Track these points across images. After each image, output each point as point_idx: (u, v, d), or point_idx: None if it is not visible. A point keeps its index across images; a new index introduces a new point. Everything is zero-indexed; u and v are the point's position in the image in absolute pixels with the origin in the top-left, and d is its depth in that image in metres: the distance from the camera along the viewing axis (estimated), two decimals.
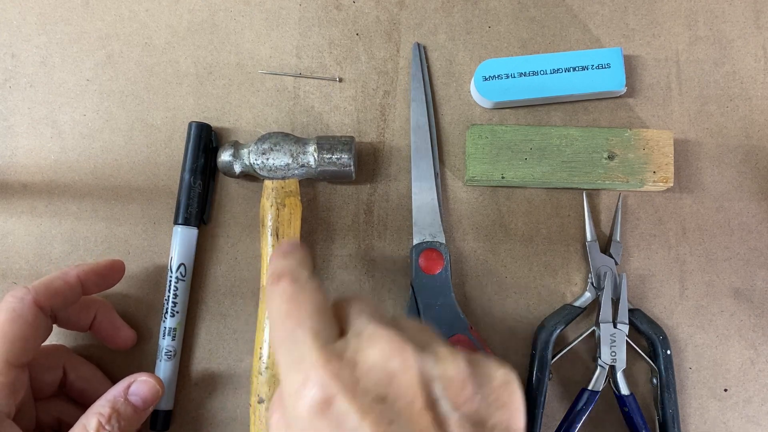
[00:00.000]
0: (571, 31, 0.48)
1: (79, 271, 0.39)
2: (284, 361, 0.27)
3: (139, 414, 0.38)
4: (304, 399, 0.25)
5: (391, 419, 0.25)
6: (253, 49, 0.47)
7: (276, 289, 0.29)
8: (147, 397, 0.38)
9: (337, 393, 0.25)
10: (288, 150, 0.43)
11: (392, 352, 0.26)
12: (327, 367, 0.26)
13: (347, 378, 0.25)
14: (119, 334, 0.42)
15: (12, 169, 0.46)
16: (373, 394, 0.25)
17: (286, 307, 0.29)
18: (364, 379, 0.26)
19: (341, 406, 0.25)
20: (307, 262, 0.31)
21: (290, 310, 0.28)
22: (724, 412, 0.44)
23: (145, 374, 0.39)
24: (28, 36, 0.48)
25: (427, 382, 0.26)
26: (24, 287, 0.36)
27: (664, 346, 0.43)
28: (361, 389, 0.25)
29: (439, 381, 0.26)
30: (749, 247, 0.46)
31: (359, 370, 0.26)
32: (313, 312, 0.28)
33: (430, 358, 0.27)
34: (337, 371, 0.25)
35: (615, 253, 0.44)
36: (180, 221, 0.44)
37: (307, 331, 0.27)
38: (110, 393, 0.37)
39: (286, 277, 0.30)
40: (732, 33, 0.48)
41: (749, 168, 0.47)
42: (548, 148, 0.44)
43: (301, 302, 0.28)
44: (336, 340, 0.27)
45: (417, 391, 0.26)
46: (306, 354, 0.26)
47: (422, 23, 0.48)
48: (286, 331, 0.28)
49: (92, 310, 0.41)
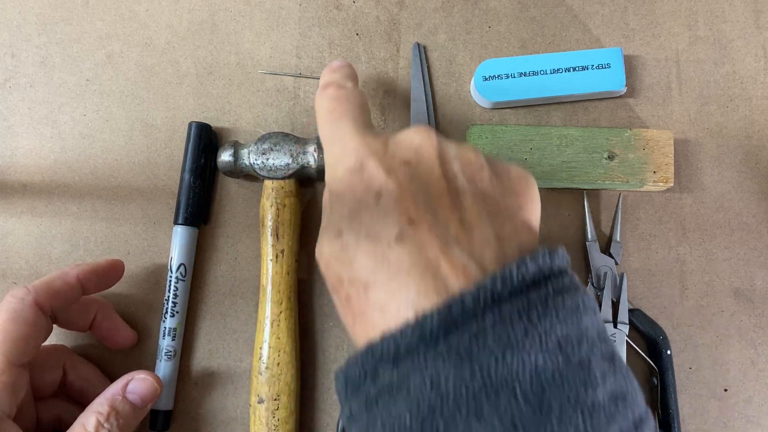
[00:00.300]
0: (571, 31, 0.48)
1: (79, 271, 0.39)
2: (328, 144, 0.33)
3: (137, 412, 0.38)
4: (341, 164, 0.30)
5: (412, 177, 0.29)
6: (253, 49, 0.47)
7: (324, 94, 0.35)
8: (145, 395, 0.38)
9: (368, 158, 0.30)
10: (288, 150, 0.43)
11: (419, 132, 0.31)
12: (362, 140, 0.31)
13: (379, 149, 0.30)
14: (119, 334, 0.42)
15: (12, 169, 0.46)
16: (399, 158, 0.30)
17: (331, 105, 0.34)
18: (392, 149, 0.30)
19: (371, 167, 0.29)
20: (352, 76, 0.37)
21: (334, 107, 0.34)
22: (724, 412, 0.44)
23: (143, 372, 0.39)
24: (28, 36, 0.48)
25: (447, 159, 0.30)
26: (24, 287, 0.36)
27: (664, 346, 0.43)
28: (389, 155, 0.30)
29: (458, 160, 0.30)
30: (749, 247, 0.46)
31: (390, 144, 0.30)
32: (354, 108, 0.33)
33: (453, 144, 0.31)
34: (370, 143, 0.30)
35: (615, 253, 0.44)
36: (180, 221, 0.44)
37: (349, 120, 0.32)
38: (108, 391, 0.37)
39: (333, 84, 0.35)
40: (732, 33, 0.48)
41: (749, 168, 0.46)
42: (548, 148, 0.44)
43: (344, 101, 0.34)
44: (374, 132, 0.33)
45: (436, 162, 0.30)
46: (346, 134, 0.31)
47: (422, 23, 0.48)
48: (330, 123, 0.33)
49: (92, 311, 0.41)
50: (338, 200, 0.30)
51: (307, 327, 0.44)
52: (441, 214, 0.28)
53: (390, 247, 0.27)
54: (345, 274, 0.28)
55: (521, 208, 0.30)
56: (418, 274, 0.26)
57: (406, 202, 0.28)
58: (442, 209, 0.28)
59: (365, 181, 0.29)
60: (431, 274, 0.26)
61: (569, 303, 0.25)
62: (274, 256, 0.42)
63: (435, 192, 0.29)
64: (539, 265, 0.26)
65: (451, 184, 0.29)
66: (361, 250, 0.28)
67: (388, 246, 0.27)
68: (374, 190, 0.29)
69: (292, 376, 0.41)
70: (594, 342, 0.25)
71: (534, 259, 0.26)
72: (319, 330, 0.45)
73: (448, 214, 0.28)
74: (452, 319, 0.24)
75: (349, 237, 0.28)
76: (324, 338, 0.44)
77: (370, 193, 0.29)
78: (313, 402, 0.44)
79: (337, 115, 0.33)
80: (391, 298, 0.26)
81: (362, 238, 0.28)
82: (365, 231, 0.28)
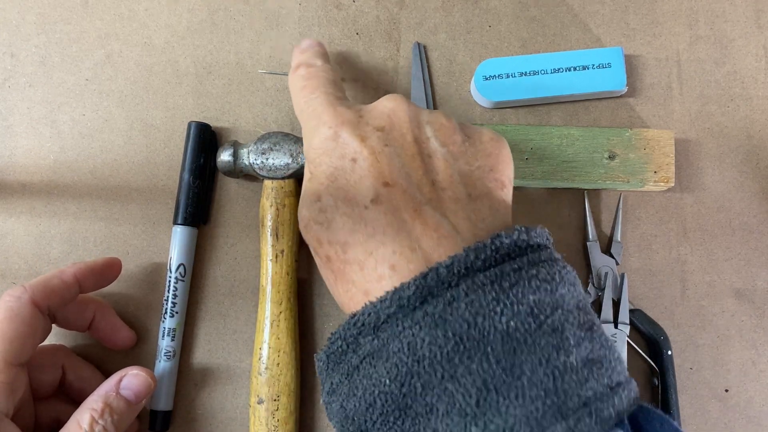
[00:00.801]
0: (571, 31, 0.48)
1: (76, 270, 0.39)
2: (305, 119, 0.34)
3: (131, 408, 0.37)
4: (317, 135, 0.31)
5: (386, 143, 0.30)
6: (252, 49, 0.47)
7: (295, 74, 0.36)
8: (139, 391, 0.38)
9: (342, 126, 0.31)
10: (288, 150, 0.43)
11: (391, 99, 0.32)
12: (334, 111, 0.32)
13: (352, 118, 0.31)
14: (118, 334, 0.42)
15: (11, 169, 0.46)
16: (372, 126, 0.31)
17: (302, 83, 0.35)
18: (366, 117, 0.31)
19: (345, 135, 0.31)
20: (321, 54, 0.38)
21: (306, 85, 0.35)
22: (725, 413, 0.44)
23: (136, 368, 0.38)
24: (27, 36, 0.47)
25: (420, 123, 0.31)
26: (21, 286, 0.36)
27: (665, 347, 0.43)
28: (363, 123, 0.31)
29: (430, 125, 0.32)
30: (750, 248, 0.46)
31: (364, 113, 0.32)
32: (325, 82, 0.35)
33: (426, 111, 0.33)
34: (343, 112, 0.32)
35: (616, 253, 0.44)
36: (179, 221, 0.43)
37: (321, 93, 0.34)
38: (102, 388, 0.37)
39: (303, 64, 0.37)
40: (733, 33, 0.48)
41: (750, 168, 0.46)
42: (548, 148, 0.44)
43: (315, 78, 0.35)
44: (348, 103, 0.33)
45: (408, 127, 0.31)
46: (318, 107, 0.33)
47: (422, 23, 0.48)
48: (304, 98, 0.34)
49: (90, 310, 0.41)
50: (316, 167, 0.32)
51: (307, 327, 0.44)
52: (414, 176, 0.30)
53: (366, 208, 0.29)
54: (324, 236, 0.30)
55: (493, 169, 0.31)
56: (393, 233, 0.28)
57: (380, 166, 0.30)
58: (415, 172, 0.30)
59: (340, 148, 0.31)
60: (405, 233, 0.28)
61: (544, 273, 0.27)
62: (274, 256, 0.42)
63: (408, 155, 0.30)
64: (514, 239, 0.27)
65: (423, 147, 0.31)
66: (339, 213, 0.29)
67: (364, 208, 0.29)
68: (350, 156, 0.30)
69: (292, 377, 0.41)
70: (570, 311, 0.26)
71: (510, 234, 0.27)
72: (319, 330, 0.44)
73: (421, 176, 0.30)
74: (428, 288, 0.26)
75: (328, 200, 0.30)
76: (324, 338, 0.44)
77: (346, 159, 0.30)
78: (313, 402, 0.44)
79: (308, 91, 0.34)
80: (368, 256, 0.28)
81: (339, 201, 0.30)
82: (342, 195, 0.30)
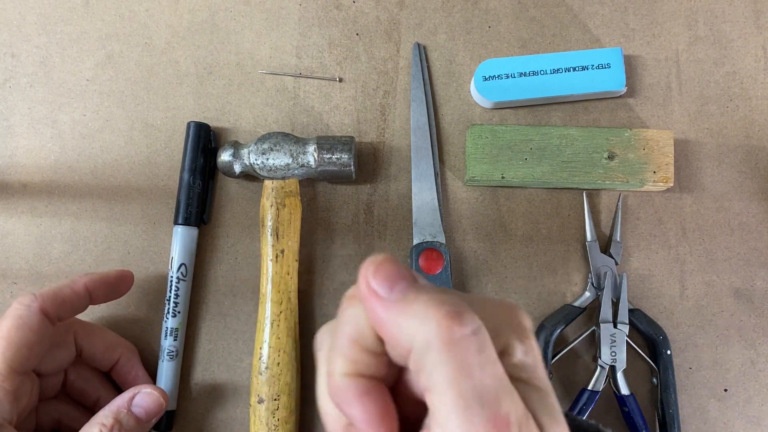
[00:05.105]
0: (571, 31, 0.48)
1: (88, 281, 0.39)
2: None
3: (141, 426, 0.37)
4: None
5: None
6: (253, 49, 0.47)
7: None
8: (150, 409, 0.38)
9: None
10: (288, 150, 0.43)
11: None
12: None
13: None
14: (137, 383, 0.41)
15: (12, 169, 0.46)
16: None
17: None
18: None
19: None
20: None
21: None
22: (724, 412, 0.44)
23: (150, 386, 0.38)
24: (28, 36, 0.47)
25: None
26: (31, 294, 0.36)
27: (664, 346, 0.43)
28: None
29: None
30: (749, 247, 0.46)
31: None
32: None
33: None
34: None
35: (615, 253, 0.44)
36: (180, 221, 0.44)
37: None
38: (114, 403, 0.37)
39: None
40: (732, 33, 0.48)
41: (749, 168, 0.46)
42: (548, 148, 0.44)
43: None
44: None
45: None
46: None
47: (422, 23, 0.48)
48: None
49: (117, 353, 0.41)
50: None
51: (307, 327, 0.44)
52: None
53: None
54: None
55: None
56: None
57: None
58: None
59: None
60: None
61: None
62: (274, 256, 0.42)
63: None
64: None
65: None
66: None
67: None
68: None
69: (292, 376, 0.41)
70: None
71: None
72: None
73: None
74: None
75: None
76: None
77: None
78: (313, 402, 0.44)
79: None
80: None
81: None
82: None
